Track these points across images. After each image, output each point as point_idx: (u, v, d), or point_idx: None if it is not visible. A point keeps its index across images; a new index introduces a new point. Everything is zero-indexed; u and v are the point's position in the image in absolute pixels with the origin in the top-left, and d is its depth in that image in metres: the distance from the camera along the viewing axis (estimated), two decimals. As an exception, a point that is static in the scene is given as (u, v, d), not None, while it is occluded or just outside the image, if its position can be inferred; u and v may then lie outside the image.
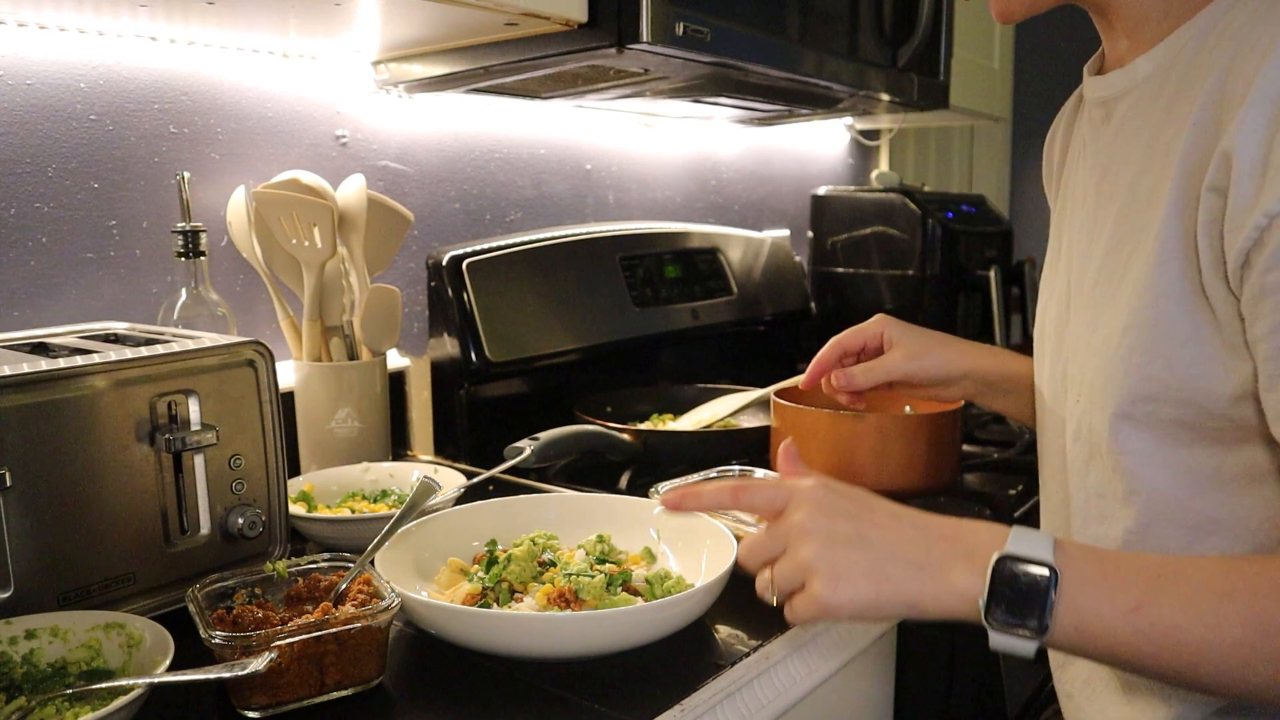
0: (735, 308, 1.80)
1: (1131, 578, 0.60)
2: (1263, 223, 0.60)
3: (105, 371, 0.78)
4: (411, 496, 0.87)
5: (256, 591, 0.79)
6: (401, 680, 0.76)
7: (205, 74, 1.20)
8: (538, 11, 1.03)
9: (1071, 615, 0.60)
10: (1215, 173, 0.64)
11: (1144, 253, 0.70)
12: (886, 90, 1.52)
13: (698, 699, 0.73)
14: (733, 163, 2.06)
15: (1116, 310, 0.73)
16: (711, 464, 1.11)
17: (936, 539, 0.64)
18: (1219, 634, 0.57)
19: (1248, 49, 0.65)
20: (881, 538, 0.64)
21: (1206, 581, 0.59)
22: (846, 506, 0.65)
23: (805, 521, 0.64)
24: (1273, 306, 0.61)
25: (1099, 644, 0.60)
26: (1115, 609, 0.59)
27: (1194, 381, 0.69)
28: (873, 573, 0.62)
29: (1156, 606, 0.59)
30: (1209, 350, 0.68)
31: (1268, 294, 0.61)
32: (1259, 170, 0.61)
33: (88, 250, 1.12)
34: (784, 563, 0.65)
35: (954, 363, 1.00)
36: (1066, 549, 0.62)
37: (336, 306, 1.21)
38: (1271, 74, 0.61)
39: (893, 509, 0.67)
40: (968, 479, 1.30)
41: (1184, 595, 0.59)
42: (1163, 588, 0.59)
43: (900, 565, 0.63)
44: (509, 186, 1.59)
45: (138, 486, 0.81)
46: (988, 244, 2.09)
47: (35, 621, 0.73)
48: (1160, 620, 0.58)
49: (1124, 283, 0.73)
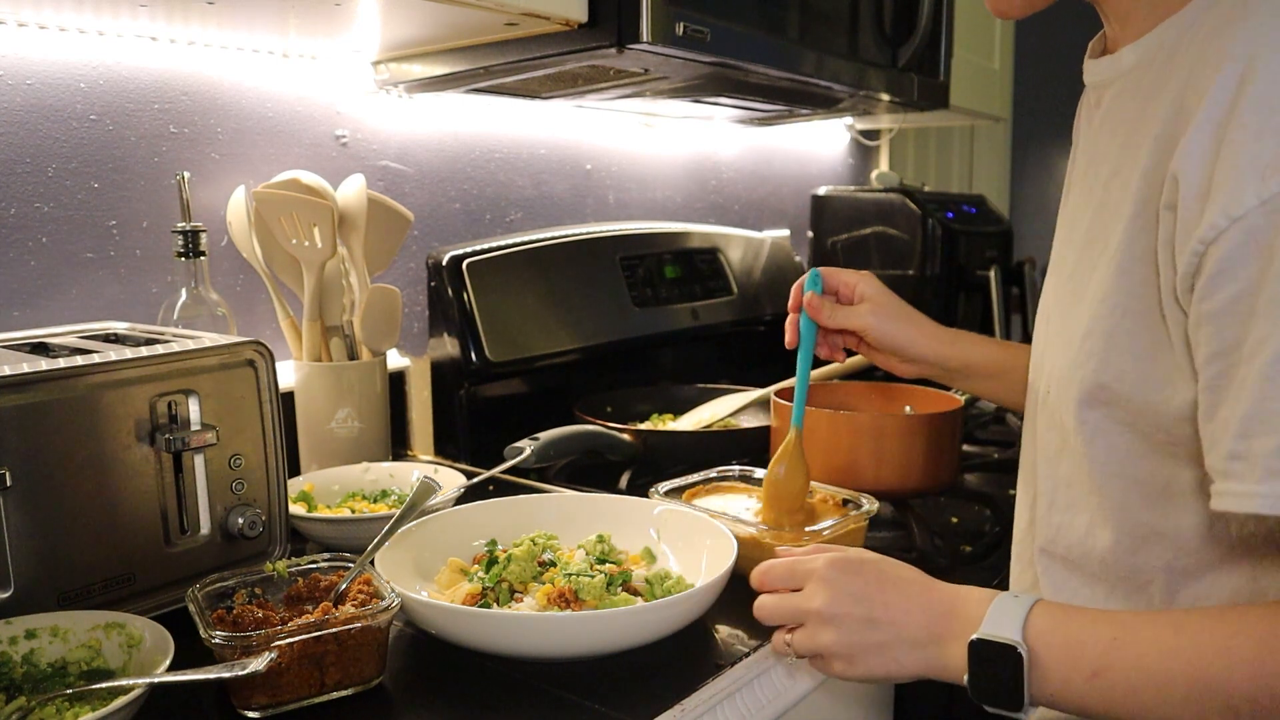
0: (735, 308, 1.80)
1: (1090, 644, 0.64)
2: (1199, 249, 0.60)
3: (105, 371, 0.78)
4: (411, 496, 0.87)
5: (256, 591, 0.79)
6: (401, 680, 0.76)
7: (205, 74, 1.20)
8: (538, 11, 1.03)
9: (1043, 686, 0.65)
10: (1169, 192, 0.63)
11: (1107, 259, 0.70)
12: (886, 90, 1.52)
13: (698, 699, 0.73)
14: (733, 163, 2.06)
15: (1081, 312, 0.73)
16: (711, 464, 1.11)
17: (939, 616, 0.70)
18: (1169, 692, 0.61)
19: (1204, 62, 0.63)
20: (889, 619, 0.70)
21: (1156, 640, 0.62)
22: (858, 589, 0.72)
23: (822, 609, 0.71)
24: (1208, 335, 0.61)
25: (1071, 707, 0.65)
26: (1078, 676, 0.63)
27: (1145, 395, 0.68)
28: (883, 654, 0.70)
29: (1112, 671, 0.62)
30: (1162, 368, 0.67)
31: (1203, 322, 0.61)
32: (1202, 194, 0.60)
33: (88, 250, 1.12)
34: (804, 641, 0.73)
35: (914, 342, 1.01)
36: (1035, 622, 0.65)
37: (336, 306, 1.21)
38: (1216, 95, 0.60)
39: (899, 583, 0.72)
40: (968, 479, 1.30)
41: (1136, 656, 0.62)
42: (1116, 651, 0.63)
43: (906, 647, 0.70)
44: (509, 186, 1.59)
45: (138, 486, 0.81)
46: (988, 244, 2.09)
47: (35, 621, 0.73)
48: (1118, 683, 0.62)
49: (1090, 284, 0.73)
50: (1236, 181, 0.58)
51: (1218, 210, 0.59)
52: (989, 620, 0.66)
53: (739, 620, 0.85)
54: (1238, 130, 0.59)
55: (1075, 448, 0.75)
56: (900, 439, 1.13)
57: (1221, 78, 0.60)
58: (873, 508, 0.98)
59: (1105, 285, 0.70)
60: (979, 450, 1.44)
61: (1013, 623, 0.65)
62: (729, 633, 0.83)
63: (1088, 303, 0.72)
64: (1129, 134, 0.72)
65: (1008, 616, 0.66)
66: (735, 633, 0.83)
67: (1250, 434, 0.58)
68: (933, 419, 1.14)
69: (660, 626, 0.77)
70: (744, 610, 0.86)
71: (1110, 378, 0.70)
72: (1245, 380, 0.59)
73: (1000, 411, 1.60)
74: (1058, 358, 0.77)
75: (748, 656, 0.79)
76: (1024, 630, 0.65)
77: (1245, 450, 0.58)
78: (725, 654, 0.79)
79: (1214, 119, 0.60)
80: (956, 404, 1.20)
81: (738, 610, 0.86)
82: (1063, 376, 0.75)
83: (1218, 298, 0.60)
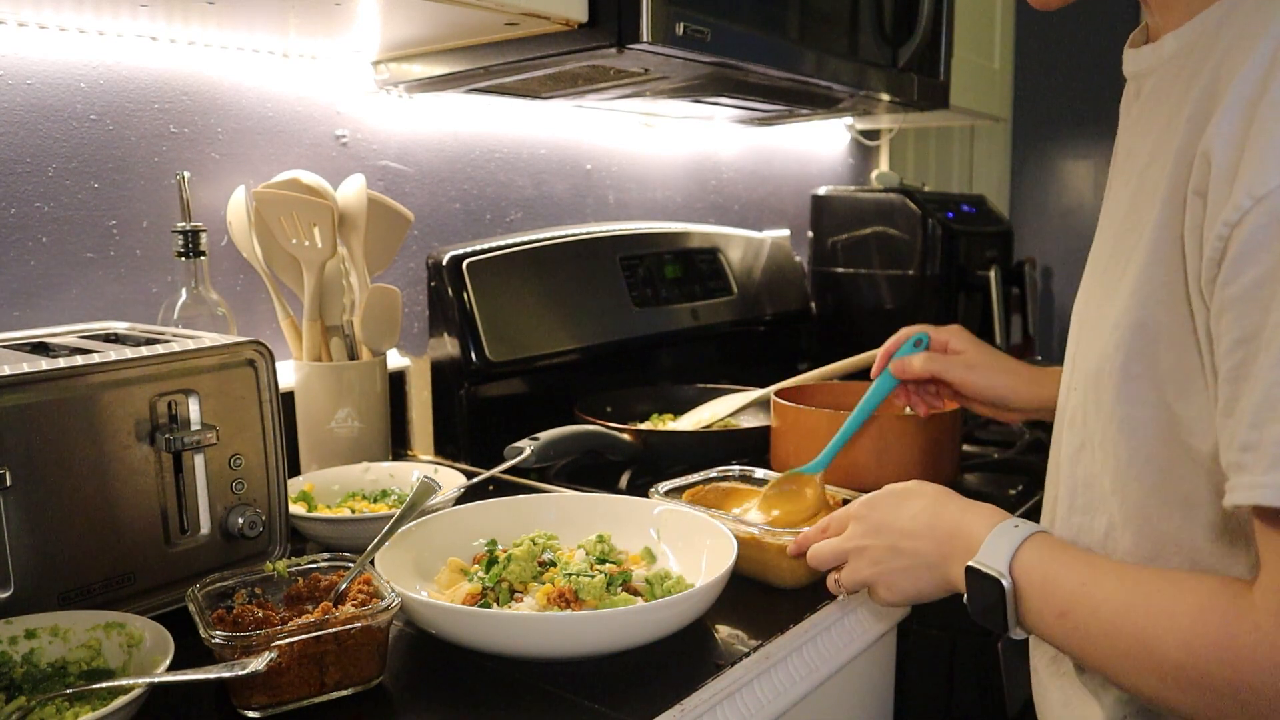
0: (735, 308, 1.80)
1: (1063, 584, 0.67)
2: (1224, 232, 0.57)
3: (105, 371, 0.78)
4: (411, 496, 0.87)
5: (256, 591, 0.79)
6: (401, 680, 0.76)
7: (205, 74, 1.20)
8: (538, 11, 1.03)
9: (1024, 617, 0.69)
10: (1198, 175, 0.61)
11: (1141, 250, 0.68)
12: (887, 90, 1.52)
13: (698, 699, 0.73)
14: (733, 163, 2.06)
15: (1113, 303, 0.70)
16: (711, 464, 1.11)
17: (945, 538, 0.76)
18: (1116, 644, 0.63)
19: (1239, 42, 0.62)
20: (908, 545, 0.78)
21: (1116, 592, 0.64)
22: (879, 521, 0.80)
23: (855, 545, 0.81)
24: (1230, 322, 0.58)
25: (1046, 640, 0.70)
26: (1049, 613, 0.67)
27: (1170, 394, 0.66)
28: (910, 576, 0.78)
29: (1075, 614, 0.66)
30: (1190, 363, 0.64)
31: (1227, 308, 0.58)
32: (1230, 175, 0.58)
33: (88, 250, 1.12)
34: (848, 576, 0.82)
35: (1015, 391, 1.03)
36: (1023, 555, 0.69)
37: (336, 306, 1.21)
38: (1248, 74, 0.58)
39: (912, 509, 0.79)
40: (968, 479, 1.30)
41: (1096, 604, 0.65)
42: (1083, 597, 0.66)
43: (924, 569, 0.77)
44: (509, 186, 1.59)
45: (138, 486, 0.81)
46: (988, 244, 2.09)
47: (35, 621, 0.73)
48: (1079, 625, 0.66)
49: (1123, 275, 0.70)
50: (1263, 160, 0.56)
51: (1243, 190, 0.56)
52: (985, 548, 0.71)
53: (739, 620, 0.85)
54: (1268, 108, 0.57)
55: (1100, 446, 0.73)
56: (900, 439, 1.13)
57: (1255, 56, 0.58)
58: (873, 508, 0.98)
59: (1136, 275, 0.67)
60: (979, 450, 1.44)
61: (1004, 553, 0.70)
62: (729, 633, 0.83)
63: (1120, 293, 0.69)
64: (1166, 122, 0.69)
65: (1001, 546, 0.70)
66: (735, 633, 0.83)
67: (1262, 422, 0.55)
68: (933, 419, 1.14)
69: (660, 626, 0.77)
70: (744, 610, 0.87)
71: (1139, 370, 0.67)
72: (1262, 366, 0.56)
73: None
74: (1089, 352, 0.75)
75: (748, 656, 0.79)
76: (1012, 561, 0.69)
77: (1257, 440, 0.55)
78: (725, 654, 0.79)
79: (1245, 97, 0.58)
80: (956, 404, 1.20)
81: (738, 610, 0.86)
82: (1092, 370, 0.73)
83: (1240, 282, 0.57)
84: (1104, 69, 1.28)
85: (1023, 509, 1.20)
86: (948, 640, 1.11)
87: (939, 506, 0.78)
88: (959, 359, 1.05)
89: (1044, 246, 2.83)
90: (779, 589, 0.91)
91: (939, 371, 1.04)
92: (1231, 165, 0.58)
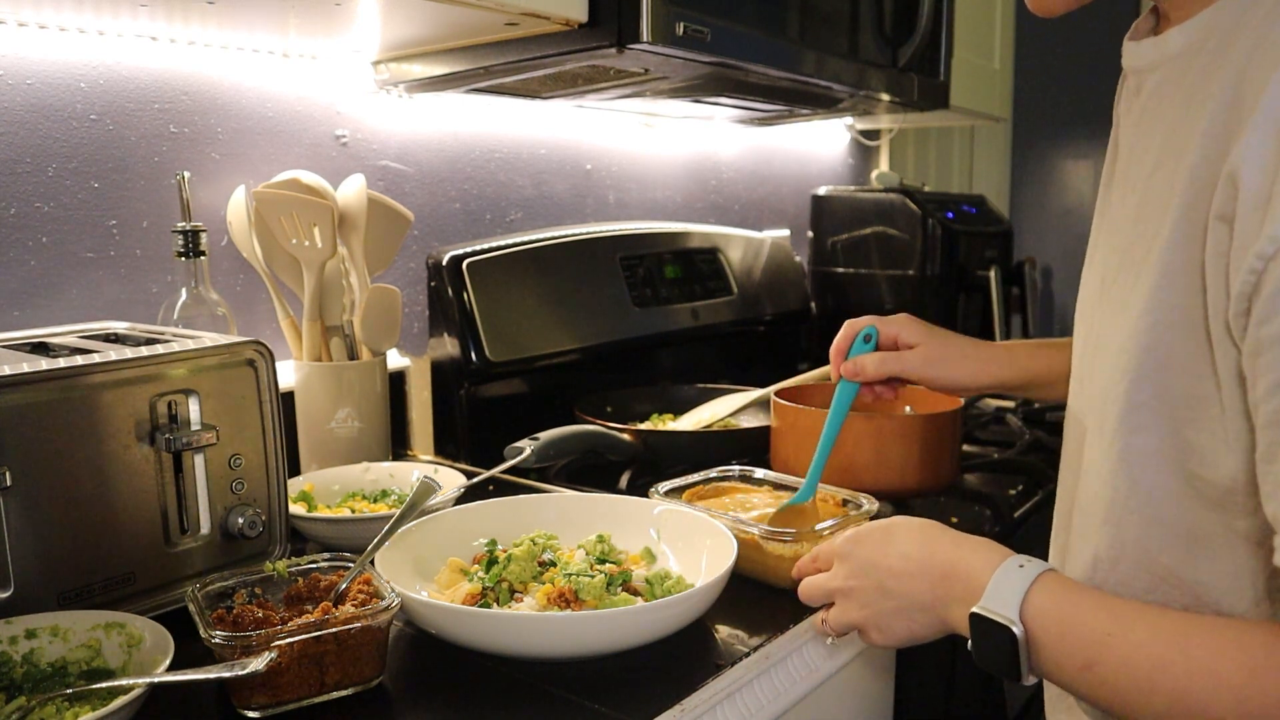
0: (735, 308, 1.80)
1: (1085, 634, 0.63)
2: (1258, 266, 0.54)
3: (105, 371, 0.78)
4: (411, 496, 0.87)
5: (256, 591, 0.79)
6: (401, 680, 0.76)
7: (205, 74, 1.20)
8: (538, 11, 1.03)
9: (1038, 665, 0.65)
10: (1222, 198, 0.57)
11: (1151, 270, 0.64)
12: (887, 90, 1.52)
13: (698, 699, 0.73)
14: (733, 163, 2.06)
15: (1121, 324, 0.68)
16: (711, 464, 1.11)
17: (938, 579, 0.71)
18: (1150, 701, 0.60)
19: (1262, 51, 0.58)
20: (898, 588, 0.73)
21: (1148, 645, 0.60)
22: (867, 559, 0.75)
23: (842, 585, 0.76)
24: (1270, 362, 0.54)
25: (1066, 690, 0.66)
26: (1071, 665, 0.63)
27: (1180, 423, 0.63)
28: (903, 618, 0.73)
29: (1103, 667, 0.61)
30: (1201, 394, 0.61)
31: (1264, 349, 0.55)
32: (1261, 202, 0.54)
33: (88, 250, 1.12)
34: (836, 617, 0.77)
35: (974, 376, 1.00)
36: (1034, 600, 0.64)
37: (336, 306, 1.21)
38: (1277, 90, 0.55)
39: (901, 547, 0.74)
40: (968, 479, 1.30)
41: (1125, 659, 0.61)
42: (1109, 649, 0.61)
43: (917, 611, 0.72)
44: (509, 186, 1.59)
45: (138, 486, 0.81)
46: (988, 244, 2.09)
47: (35, 621, 0.73)
48: (1106, 679, 0.62)
49: (1131, 294, 0.67)
50: None
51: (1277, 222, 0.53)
52: (989, 592, 0.66)
53: (739, 620, 0.85)
54: None
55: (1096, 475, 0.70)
56: (900, 439, 1.13)
57: None
58: (872, 507, 0.98)
59: (1146, 297, 0.64)
60: (979, 450, 1.44)
61: (1013, 598, 0.64)
62: (729, 633, 0.83)
63: (1129, 314, 0.66)
64: (1173, 126, 0.66)
65: (1008, 590, 0.65)
66: (735, 633, 0.83)
67: None
68: (933, 419, 1.14)
69: (660, 626, 0.77)
70: (744, 610, 0.86)
71: (1146, 397, 0.64)
72: None
73: (1000, 411, 1.60)
74: (1094, 372, 0.72)
75: (748, 656, 0.79)
76: (1022, 607, 0.64)
77: None
78: (725, 654, 0.79)
79: (1276, 117, 0.54)
80: (956, 404, 1.21)
81: (738, 610, 0.86)
82: (1096, 393, 0.71)
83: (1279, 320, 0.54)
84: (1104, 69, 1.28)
85: (1023, 509, 1.20)
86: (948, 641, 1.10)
87: (930, 543, 0.72)
88: (915, 355, 0.99)
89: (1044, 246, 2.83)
90: (779, 589, 0.91)
91: (896, 372, 1.00)
92: (1263, 192, 0.54)
